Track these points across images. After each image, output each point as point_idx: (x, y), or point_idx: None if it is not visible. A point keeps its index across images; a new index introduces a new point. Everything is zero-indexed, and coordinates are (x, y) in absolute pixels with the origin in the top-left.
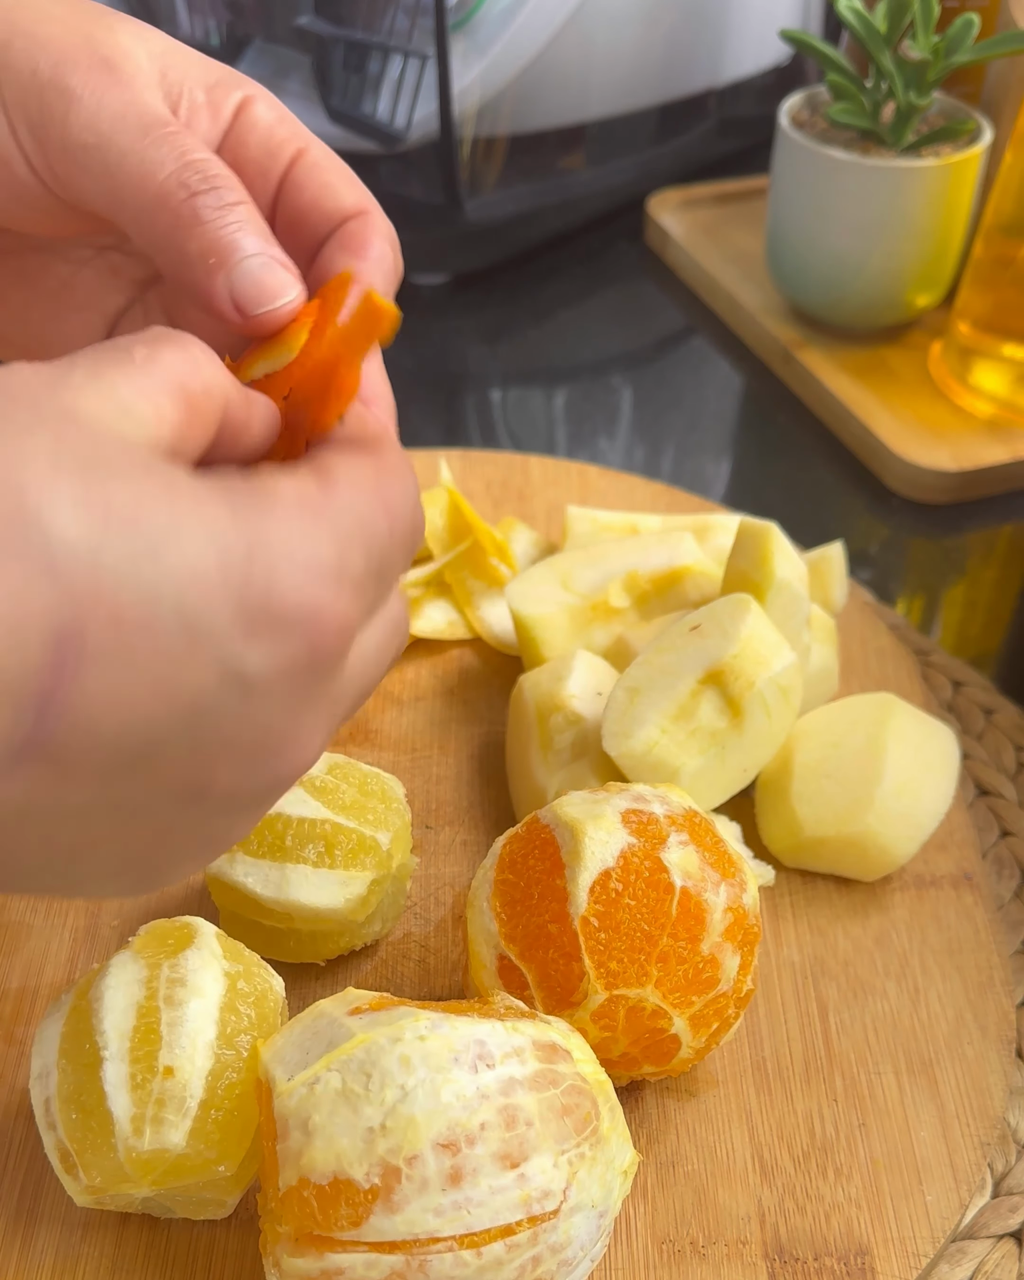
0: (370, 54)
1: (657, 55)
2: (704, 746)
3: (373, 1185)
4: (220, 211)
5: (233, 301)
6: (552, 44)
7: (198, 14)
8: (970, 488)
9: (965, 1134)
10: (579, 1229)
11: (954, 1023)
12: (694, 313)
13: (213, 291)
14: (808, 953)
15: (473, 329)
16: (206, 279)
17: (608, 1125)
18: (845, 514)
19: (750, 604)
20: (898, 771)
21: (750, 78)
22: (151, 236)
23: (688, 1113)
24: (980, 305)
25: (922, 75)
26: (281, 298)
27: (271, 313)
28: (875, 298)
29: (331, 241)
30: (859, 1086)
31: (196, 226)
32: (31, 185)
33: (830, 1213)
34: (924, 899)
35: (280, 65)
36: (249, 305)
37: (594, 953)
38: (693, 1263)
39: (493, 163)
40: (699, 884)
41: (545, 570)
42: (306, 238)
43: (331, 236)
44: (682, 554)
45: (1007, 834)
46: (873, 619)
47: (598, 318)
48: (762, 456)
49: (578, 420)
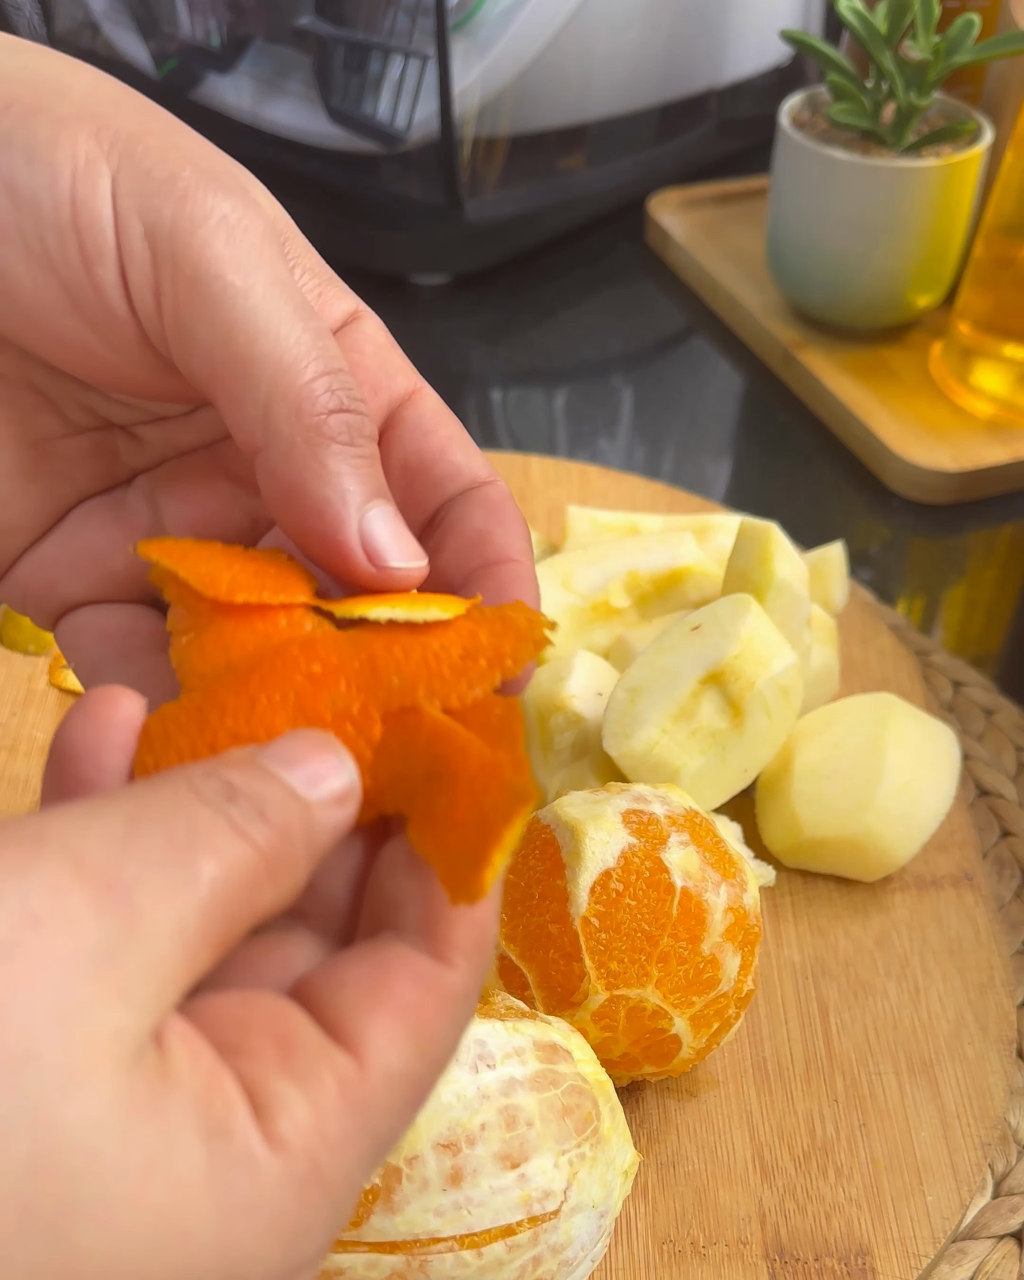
0: (371, 54)
1: (657, 55)
2: (705, 747)
3: (373, 1185)
4: (361, 442)
5: (363, 544)
6: (552, 44)
7: (198, 14)
8: (971, 488)
9: (966, 1134)
10: (580, 1229)
11: (955, 1023)
12: (695, 313)
13: (342, 525)
14: (809, 953)
15: (473, 329)
16: (336, 509)
17: (608, 1125)
18: (846, 514)
19: (751, 604)
20: (898, 772)
21: (751, 78)
22: (262, 426)
23: (688, 1113)
24: (981, 305)
25: (922, 75)
26: (421, 558)
27: (409, 570)
28: (876, 298)
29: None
30: (860, 1087)
31: (331, 446)
32: (114, 310)
33: (831, 1213)
34: (925, 899)
35: (281, 65)
36: (385, 555)
37: (595, 953)
38: (693, 1263)
39: (493, 163)
40: (700, 884)
41: (546, 570)
42: (423, 491)
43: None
44: (682, 554)
45: (1007, 834)
46: (873, 619)
47: (598, 318)
48: (762, 457)
49: (578, 420)
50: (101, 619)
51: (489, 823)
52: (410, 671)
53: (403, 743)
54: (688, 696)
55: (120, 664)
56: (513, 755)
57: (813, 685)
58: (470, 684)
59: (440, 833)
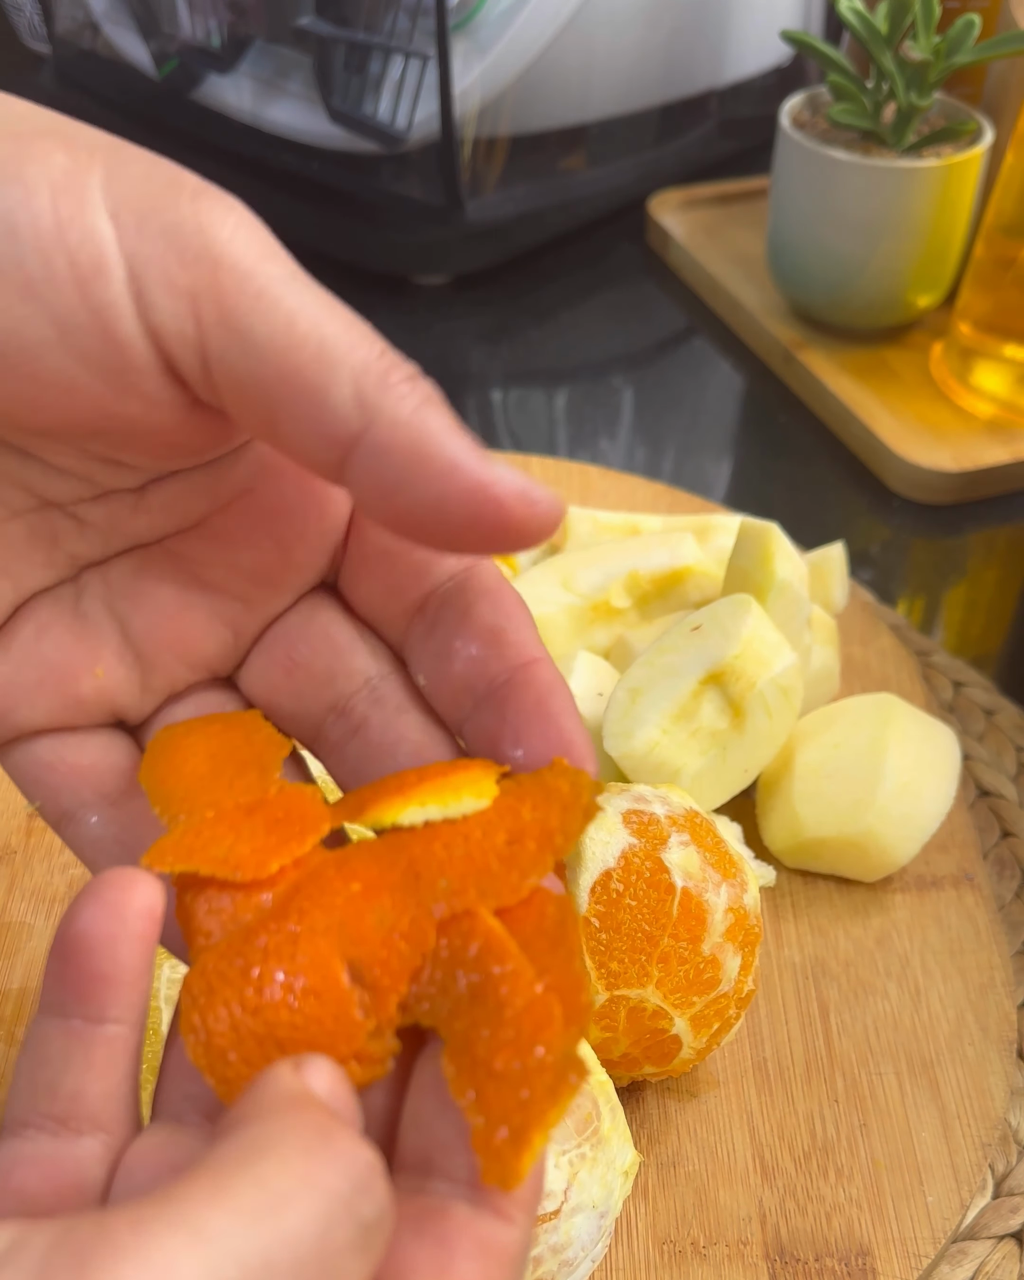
0: (371, 55)
1: (658, 56)
2: (705, 747)
3: None
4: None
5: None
6: (553, 45)
7: (199, 14)
8: (971, 488)
9: (966, 1135)
10: (580, 1229)
11: (955, 1023)
12: (695, 313)
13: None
14: (809, 953)
15: (474, 329)
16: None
17: (609, 1126)
18: (846, 514)
19: (751, 604)
20: (899, 772)
21: (751, 78)
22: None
23: (689, 1113)
24: (981, 306)
25: (923, 76)
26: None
27: (554, 504)
28: (876, 298)
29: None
30: (860, 1087)
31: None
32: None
33: (831, 1213)
34: (925, 900)
35: (281, 66)
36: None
37: (595, 953)
38: (694, 1263)
39: (494, 163)
40: (700, 884)
41: (547, 571)
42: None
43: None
44: (682, 554)
45: (1008, 835)
46: (874, 619)
47: (599, 318)
48: (763, 457)
49: (579, 421)
50: (70, 753)
51: (532, 1100)
52: (456, 870)
53: (453, 950)
54: (688, 697)
55: (104, 809)
56: (568, 975)
57: (813, 685)
58: (523, 874)
59: (479, 1082)
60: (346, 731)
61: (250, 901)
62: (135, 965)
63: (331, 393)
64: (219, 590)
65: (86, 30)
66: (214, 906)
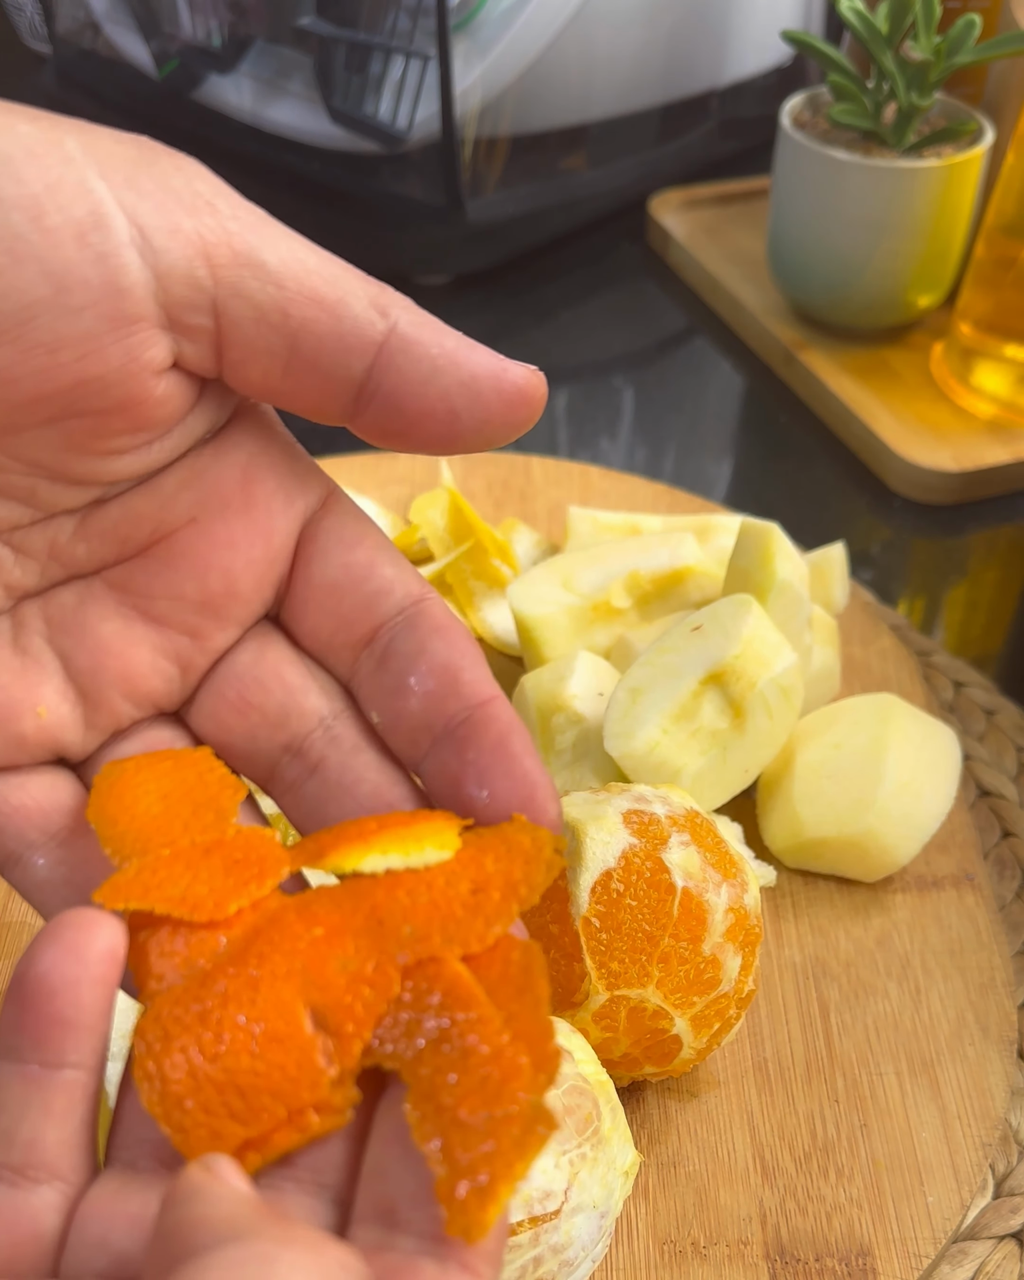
0: (372, 55)
1: (658, 56)
2: (706, 747)
3: None
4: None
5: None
6: (553, 45)
7: (199, 14)
8: (972, 488)
9: (967, 1135)
10: (580, 1229)
11: (956, 1023)
12: (696, 313)
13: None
14: (809, 953)
15: (474, 329)
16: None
17: (609, 1126)
18: (847, 514)
19: (752, 604)
20: (899, 772)
21: (752, 78)
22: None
23: (689, 1113)
24: (982, 306)
25: (923, 76)
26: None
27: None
28: (877, 298)
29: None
30: (861, 1087)
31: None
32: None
33: (832, 1213)
34: (926, 900)
35: (282, 66)
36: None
37: (595, 953)
38: (694, 1263)
39: (494, 163)
40: (701, 884)
41: (547, 571)
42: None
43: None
44: (683, 554)
45: (1008, 835)
46: (874, 620)
47: (599, 318)
48: (763, 457)
49: (579, 421)
50: (13, 793)
51: (499, 1153)
52: (421, 917)
53: (417, 995)
54: (689, 697)
55: (52, 850)
56: (536, 1023)
57: (814, 685)
58: (489, 922)
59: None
60: (303, 772)
61: (206, 944)
62: (95, 1009)
63: (351, 305)
64: (164, 623)
65: (87, 30)
66: (168, 949)
